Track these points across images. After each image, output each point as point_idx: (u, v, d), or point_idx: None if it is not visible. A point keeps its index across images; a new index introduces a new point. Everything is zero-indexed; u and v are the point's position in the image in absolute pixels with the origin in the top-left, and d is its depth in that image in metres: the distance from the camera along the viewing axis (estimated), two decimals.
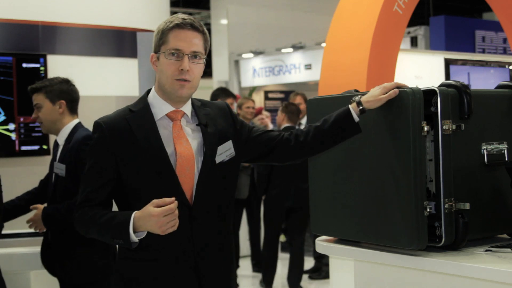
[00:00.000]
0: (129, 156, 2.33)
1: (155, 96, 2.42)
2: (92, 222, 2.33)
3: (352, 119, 2.44)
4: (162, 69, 2.36)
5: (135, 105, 2.44)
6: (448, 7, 16.56)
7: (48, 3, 5.37)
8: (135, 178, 2.33)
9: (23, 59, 5.09)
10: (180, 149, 2.34)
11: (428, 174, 2.59)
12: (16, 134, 5.04)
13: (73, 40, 5.40)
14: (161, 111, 2.40)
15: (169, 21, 2.38)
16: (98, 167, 2.36)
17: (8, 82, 5.03)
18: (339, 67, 5.12)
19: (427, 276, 2.40)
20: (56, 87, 3.61)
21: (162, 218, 2.18)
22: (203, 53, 2.41)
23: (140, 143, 2.33)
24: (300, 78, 13.76)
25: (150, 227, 2.21)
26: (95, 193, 2.36)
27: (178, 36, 2.35)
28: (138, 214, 2.24)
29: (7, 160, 5.00)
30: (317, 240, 2.81)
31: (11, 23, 5.18)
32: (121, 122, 2.37)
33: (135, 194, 2.34)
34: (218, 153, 2.40)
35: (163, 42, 2.36)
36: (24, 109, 5.04)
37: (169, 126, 2.39)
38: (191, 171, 2.35)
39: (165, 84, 2.37)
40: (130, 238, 2.24)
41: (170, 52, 2.34)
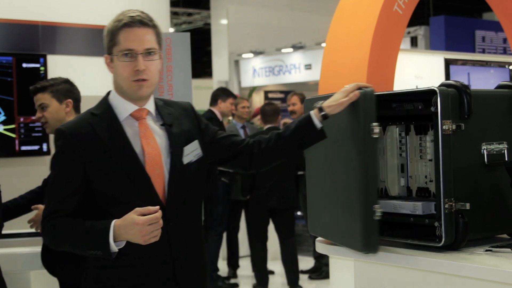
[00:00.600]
0: (97, 160, 2.26)
1: (116, 96, 2.37)
2: (65, 234, 2.25)
3: (313, 125, 2.40)
4: (118, 71, 2.31)
5: (97, 108, 2.37)
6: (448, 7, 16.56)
7: (48, 3, 5.37)
8: (106, 182, 2.25)
9: (23, 59, 5.09)
10: (148, 149, 2.29)
11: (428, 174, 2.59)
12: (16, 134, 5.04)
13: (73, 40, 5.41)
14: (125, 111, 2.34)
15: (117, 20, 2.31)
16: (66, 176, 2.27)
17: (8, 82, 5.03)
18: (339, 67, 5.12)
19: (427, 276, 2.40)
20: (62, 87, 3.61)
21: (147, 227, 2.12)
22: (158, 48, 2.33)
23: (107, 145, 2.26)
24: (300, 78, 13.76)
25: (132, 236, 2.15)
26: (64, 203, 2.26)
27: (128, 35, 2.27)
28: (118, 222, 2.17)
29: (7, 160, 5.00)
30: (317, 240, 2.80)
31: (11, 23, 5.19)
32: (85, 126, 2.29)
33: (107, 198, 2.26)
34: (185, 154, 2.35)
35: (114, 43, 2.29)
36: (24, 109, 5.04)
37: (135, 126, 2.33)
38: (160, 171, 2.29)
39: (122, 86, 2.32)
40: (110, 248, 2.16)
41: (123, 53, 2.27)
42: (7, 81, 5.02)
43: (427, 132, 2.60)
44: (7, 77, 5.03)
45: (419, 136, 2.63)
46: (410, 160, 2.66)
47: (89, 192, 2.27)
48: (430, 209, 2.53)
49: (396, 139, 2.70)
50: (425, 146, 2.60)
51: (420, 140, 2.62)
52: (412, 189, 2.65)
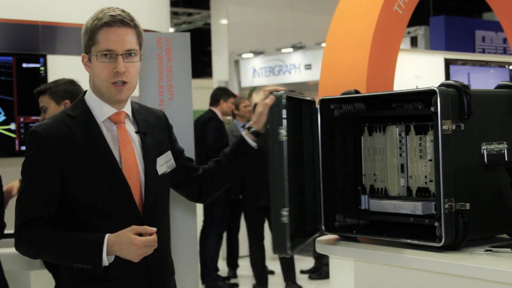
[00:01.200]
0: (75, 165, 2.13)
1: (93, 97, 2.24)
2: (46, 244, 2.13)
3: (247, 145, 2.40)
4: (95, 72, 2.19)
5: (73, 109, 2.23)
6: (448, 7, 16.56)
7: (48, 3, 5.37)
8: (84, 189, 2.14)
9: (23, 59, 5.09)
10: (126, 156, 2.19)
11: (428, 174, 2.59)
12: (16, 134, 5.04)
13: (73, 40, 5.41)
14: (102, 113, 2.22)
15: (96, 18, 2.19)
16: (42, 182, 2.13)
17: (8, 82, 5.03)
18: (339, 67, 5.12)
19: (427, 276, 2.40)
20: (60, 88, 3.64)
21: (143, 248, 2.08)
22: (138, 50, 2.22)
23: (86, 150, 2.14)
24: (300, 78, 13.77)
25: (127, 254, 2.09)
26: (42, 210, 2.13)
27: (108, 35, 2.15)
28: (113, 239, 2.09)
29: (7, 160, 5.01)
30: (317, 240, 2.80)
31: (11, 23, 5.19)
32: (62, 129, 2.15)
33: (84, 206, 2.15)
34: (159, 165, 2.28)
35: (93, 42, 2.17)
36: (24, 109, 5.05)
37: (113, 130, 2.22)
38: (137, 180, 2.20)
39: (100, 88, 2.20)
40: (102, 263, 2.08)
41: (102, 54, 2.16)
42: (7, 81, 5.02)
43: (427, 132, 2.60)
44: (7, 77, 5.03)
45: (419, 136, 2.63)
46: (410, 160, 2.66)
47: (65, 198, 2.16)
48: (430, 209, 2.53)
49: (396, 139, 2.70)
50: (425, 146, 2.60)
51: (420, 140, 2.62)
52: (412, 189, 2.65)
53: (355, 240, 2.72)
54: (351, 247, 2.62)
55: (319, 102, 2.86)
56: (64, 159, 2.13)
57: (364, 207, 2.81)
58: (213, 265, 6.87)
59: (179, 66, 4.49)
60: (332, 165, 2.83)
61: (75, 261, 2.12)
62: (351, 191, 2.84)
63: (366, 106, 2.82)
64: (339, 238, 2.79)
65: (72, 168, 2.14)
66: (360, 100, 2.81)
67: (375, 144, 2.78)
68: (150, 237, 2.10)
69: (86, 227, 2.15)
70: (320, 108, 2.83)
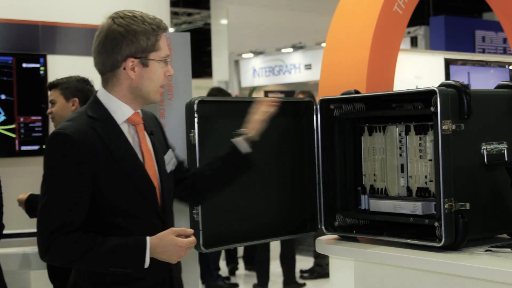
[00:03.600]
0: (104, 168, 2.11)
1: (110, 98, 2.21)
2: (81, 250, 2.08)
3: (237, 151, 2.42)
4: (153, 78, 2.19)
5: (92, 110, 2.20)
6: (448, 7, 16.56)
7: (48, 3, 5.37)
8: (113, 191, 2.13)
9: (23, 59, 5.09)
10: (147, 156, 2.22)
11: (428, 174, 2.59)
12: (16, 134, 5.04)
13: (73, 40, 5.41)
14: (122, 115, 2.20)
15: (154, 23, 2.19)
16: (73, 187, 2.09)
17: (8, 82, 5.03)
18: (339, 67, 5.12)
19: (427, 276, 2.40)
20: (72, 85, 3.66)
21: (186, 249, 2.12)
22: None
23: (114, 153, 2.13)
24: (300, 78, 13.76)
25: (168, 256, 2.12)
26: (73, 215, 2.09)
27: (164, 42, 2.23)
28: (155, 241, 2.10)
29: (7, 160, 5.00)
30: (317, 240, 2.81)
31: (11, 23, 5.19)
32: (90, 132, 2.12)
33: (114, 209, 2.14)
34: (166, 163, 2.31)
35: (155, 48, 2.18)
36: (24, 109, 5.05)
37: (132, 132, 2.23)
38: (155, 179, 2.23)
39: (150, 92, 2.21)
40: (145, 265, 2.10)
41: (164, 60, 2.21)
42: (7, 81, 5.02)
43: (427, 132, 2.60)
44: (7, 77, 5.03)
45: (419, 136, 2.63)
46: (410, 160, 2.66)
47: (94, 202, 2.13)
48: (430, 209, 2.53)
49: (396, 139, 2.71)
50: (425, 146, 2.60)
51: (420, 140, 2.62)
52: (412, 189, 2.65)
53: (355, 240, 2.72)
54: (351, 247, 2.62)
55: (319, 102, 2.86)
56: (95, 163, 2.11)
57: (364, 207, 2.81)
58: (215, 264, 6.88)
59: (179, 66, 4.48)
60: (332, 165, 2.84)
61: (115, 266, 2.10)
62: (351, 191, 2.84)
63: (366, 106, 2.82)
64: (339, 238, 2.79)
65: (102, 172, 2.12)
66: (360, 100, 2.81)
67: (375, 144, 2.78)
68: (191, 239, 2.15)
69: (113, 228, 2.15)
70: (320, 108, 2.84)
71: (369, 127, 2.80)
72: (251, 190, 2.76)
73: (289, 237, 3.05)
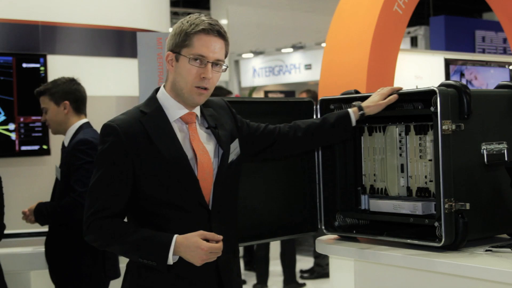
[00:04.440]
0: (147, 161, 2.22)
1: (167, 97, 2.32)
2: (117, 237, 2.21)
3: (350, 122, 2.55)
4: (182, 73, 2.27)
5: (147, 106, 2.32)
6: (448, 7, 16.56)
7: (48, 3, 5.37)
8: (155, 185, 2.23)
9: (23, 59, 5.09)
10: (200, 154, 2.28)
11: (428, 174, 2.59)
12: (16, 134, 5.04)
13: (73, 40, 5.40)
14: (175, 113, 2.31)
15: (193, 23, 2.27)
16: (115, 175, 2.22)
17: (8, 82, 5.03)
18: (339, 67, 5.12)
19: (427, 276, 2.40)
20: (59, 88, 3.60)
21: (208, 253, 2.15)
22: (224, 61, 2.33)
23: (159, 147, 2.23)
24: (300, 78, 13.77)
25: (191, 257, 2.16)
26: (112, 202, 2.22)
27: (203, 41, 2.25)
28: (181, 240, 2.16)
29: (7, 160, 5.00)
30: (317, 240, 2.81)
31: (11, 23, 5.19)
32: (136, 125, 2.25)
33: (154, 200, 2.24)
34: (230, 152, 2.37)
35: (187, 44, 2.25)
36: (24, 109, 5.04)
37: (184, 129, 2.31)
38: (210, 175, 2.29)
39: (183, 89, 2.28)
40: (167, 262, 2.16)
41: (194, 58, 2.25)
42: (7, 81, 5.02)
43: (427, 132, 2.60)
44: (7, 77, 5.03)
45: (419, 136, 2.63)
46: (410, 160, 2.66)
47: (136, 191, 2.24)
48: (430, 209, 2.53)
49: (396, 139, 2.71)
50: (425, 146, 2.60)
51: (420, 140, 2.62)
52: (412, 189, 2.65)
53: (355, 240, 2.72)
54: (351, 247, 2.62)
55: (319, 102, 2.86)
56: (137, 155, 2.22)
57: (364, 207, 2.81)
58: None
59: None
60: (332, 165, 2.84)
61: (142, 257, 2.19)
62: (351, 191, 2.84)
63: None
64: (339, 238, 2.79)
65: (144, 164, 2.22)
66: (360, 100, 2.81)
67: (375, 144, 2.78)
68: (216, 244, 2.17)
69: (154, 217, 2.25)
70: (320, 108, 2.84)
71: (369, 127, 2.80)
72: (251, 190, 2.76)
73: (289, 237, 3.05)
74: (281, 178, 2.87)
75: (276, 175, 2.85)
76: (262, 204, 2.81)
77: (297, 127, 2.55)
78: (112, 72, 5.46)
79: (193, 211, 2.26)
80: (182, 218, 2.24)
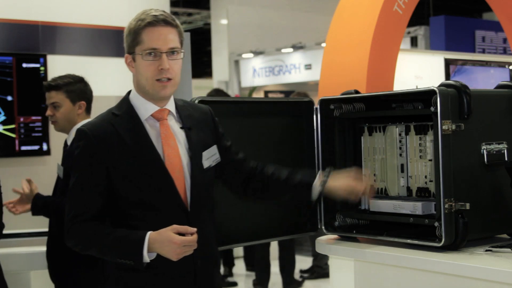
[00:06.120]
0: (120, 161, 2.22)
1: (137, 96, 2.33)
2: (93, 240, 2.22)
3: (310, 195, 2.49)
4: (140, 71, 2.27)
5: (118, 108, 2.34)
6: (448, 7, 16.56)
7: (48, 3, 5.37)
8: (130, 185, 2.23)
9: (23, 59, 5.08)
10: (168, 151, 2.27)
11: (428, 174, 2.59)
12: (16, 134, 5.04)
13: (73, 40, 5.40)
14: (146, 111, 2.30)
15: (139, 19, 2.27)
16: (89, 178, 2.24)
17: (8, 82, 5.03)
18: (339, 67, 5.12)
19: (427, 276, 2.40)
20: (76, 87, 3.53)
21: (182, 247, 2.14)
22: (180, 48, 2.32)
23: (130, 146, 2.23)
24: (300, 78, 13.75)
25: (166, 252, 2.15)
26: (89, 206, 2.23)
27: (152, 34, 2.25)
28: (154, 236, 2.16)
29: (7, 160, 5.00)
30: (317, 240, 2.80)
31: (11, 23, 5.19)
32: (107, 127, 2.25)
33: (130, 201, 2.24)
34: (204, 158, 2.34)
35: (137, 42, 2.26)
36: (24, 109, 5.04)
37: (156, 126, 2.30)
38: (180, 174, 2.27)
39: (145, 86, 2.28)
40: (143, 259, 2.16)
41: (147, 53, 2.24)
42: (7, 81, 5.02)
43: (427, 132, 2.60)
44: (7, 77, 5.02)
45: (419, 136, 2.63)
46: (410, 160, 2.66)
47: (112, 194, 2.24)
48: (430, 209, 2.53)
49: (396, 139, 2.71)
50: (425, 146, 2.60)
51: (420, 140, 2.62)
52: (412, 189, 2.65)
53: (355, 240, 2.72)
54: (351, 247, 2.62)
55: (319, 102, 2.86)
56: (109, 156, 2.22)
57: (364, 207, 2.81)
58: None
59: None
60: (332, 165, 2.83)
61: (119, 257, 2.20)
62: None
63: (366, 106, 2.82)
64: (339, 238, 2.79)
65: (117, 165, 2.23)
66: (360, 100, 2.81)
67: (375, 144, 2.78)
68: (190, 237, 2.15)
69: (134, 221, 2.24)
70: (320, 108, 2.84)
71: (369, 127, 2.80)
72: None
73: (289, 237, 3.05)
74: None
75: None
76: (262, 204, 2.81)
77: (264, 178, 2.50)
78: (112, 72, 5.46)
79: (171, 212, 2.24)
80: (159, 219, 2.22)
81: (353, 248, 2.61)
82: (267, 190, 2.52)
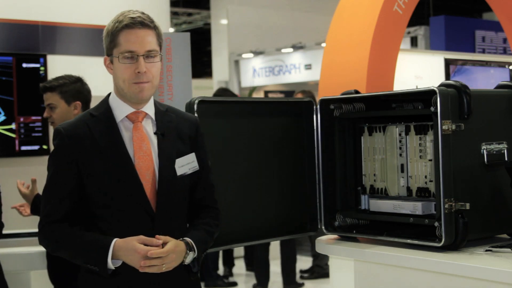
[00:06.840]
0: (91, 162, 2.20)
1: (115, 98, 2.31)
2: (62, 242, 2.21)
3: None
4: (118, 74, 2.25)
5: (96, 109, 2.32)
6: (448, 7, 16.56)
7: (48, 3, 5.37)
8: (97, 185, 2.20)
9: (23, 59, 5.09)
10: (139, 154, 2.23)
11: (428, 174, 2.59)
12: (16, 134, 5.04)
13: (73, 40, 5.41)
14: (121, 113, 2.28)
15: (117, 21, 2.24)
16: (60, 178, 2.22)
17: (8, 82, 5.03)
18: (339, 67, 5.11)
19: (427, 276, 2.40)
20: (71, 87, 3.51)
21: (151, 259, 2.10)
22: (158, 50, 2.28)
23: (102, 148, 2.21)
24: (300, 78, 13.76)
25: (130, 261, 2.13)
26: (58, 206, 2.21)
27: (129, 37, 2.21)
28: (119, 244, 2.14)
29: (7, 160, 5.00)
30: (317, 240, 2.80)
31: (11, 23, 5.19)
32: (82, 127, 2.23)
33: (97, 202, 2.21)
34: (178, 165, 2.29)
35: (115, 44, 2.23)
36: (24, 109, 5.05)
37: (130, 129, 2.27)
38: (151, 177, 2.24)
39: (123, 88, 2.25)
40: (108, 266, 2.14)
41: (124, 56, 2.22)
42: (7, 81, 5.02)
43: (427, 132, 2.60)
44: (7, 77, 5.03)
45: (419, 136, 2.63)
46: (410, 160, 2.66)
47: (82, 194, 2.22)
48: (430, 209, 2.53)
49: (396, 139, 2.71)
50: (425, 146, 2.60)
51: (420, 140, 2.62)
52: (412, 189, 2.65)
53: (355, 240, 2.72)
54: (351, 247, 2.63)
55: (319, 102, 2.86)
56: (81, 156, 2.21)
57: (364, 207, 2.81)
58: (214, 263, 6.89)
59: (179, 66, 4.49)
60: (332, 165, 2.84)
61: (85, 262, 2.19)
62: (351, 191, 2.84)
63: (366, 106, 2.82)
64: (339, 238, 2.79)
65: (87, 165, 2.21)
66: (360, 100, 2.81)
67: (375, 144, 2.78)
68: (153, 250, 2.11)
69: (101, 222, 2.22)
70: (320, 108, 2.84)
71: (369, 127, 2.80)
72: (251, 190, 2.76)
73: (289, 237, 3.05)
74: (281, 178, 2.86)
75: (276, 175, 2.85)
76: (262, 204, 2.81)
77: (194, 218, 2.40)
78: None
79: (137, 216, 2.21)
80: (125, 222, 2.20)
81: (353, 248, 2.61)
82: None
